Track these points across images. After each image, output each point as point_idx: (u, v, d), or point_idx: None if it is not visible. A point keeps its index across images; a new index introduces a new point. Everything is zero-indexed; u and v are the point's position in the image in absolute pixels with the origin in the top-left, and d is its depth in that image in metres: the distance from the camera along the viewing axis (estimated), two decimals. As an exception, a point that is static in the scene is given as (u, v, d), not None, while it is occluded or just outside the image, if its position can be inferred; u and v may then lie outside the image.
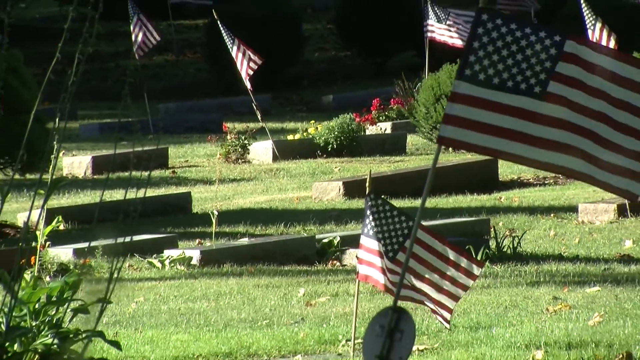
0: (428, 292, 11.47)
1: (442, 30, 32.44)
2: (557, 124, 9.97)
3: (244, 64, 31.10)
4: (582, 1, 27.62)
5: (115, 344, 10.51)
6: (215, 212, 24.02)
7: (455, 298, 12.01)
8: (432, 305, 11.55)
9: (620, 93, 9.82)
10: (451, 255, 11.94)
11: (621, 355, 14.22)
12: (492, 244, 21.37)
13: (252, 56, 31.02)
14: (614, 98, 9.75)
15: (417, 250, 11.39)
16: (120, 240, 14.92)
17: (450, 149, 10.83)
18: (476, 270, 12.32)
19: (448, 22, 32.21)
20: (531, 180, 27.49)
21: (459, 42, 31.06)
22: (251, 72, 31.16)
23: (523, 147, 10.12)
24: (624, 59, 9.73)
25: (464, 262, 12.06)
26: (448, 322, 12.55)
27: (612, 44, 28.75)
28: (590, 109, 9.82)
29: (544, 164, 10.17)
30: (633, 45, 32.84)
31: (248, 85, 31.22)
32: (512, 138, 10.13)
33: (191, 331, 16.45)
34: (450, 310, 12.22)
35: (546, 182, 26.99)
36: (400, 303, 10.51)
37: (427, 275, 11.42)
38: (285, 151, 31.69)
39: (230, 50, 31.47)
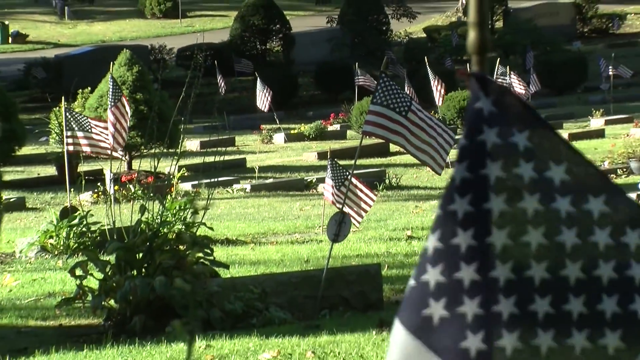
0: (352, 207, 11.45)
1: (362, 80, 32.30)
2: (409, 130, 10.05)
3: (268, 97, 31.09)
4: (428, 67, 27.44)
5: (211, 228, 10.49)
6: (257, 167, 23.98)
7: (365, 211, 12.03)
8: (353, 214, 11.49)
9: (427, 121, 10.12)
10: (364, 189, 11.99)
11: None
12: (387, 181, 21.31)
13: (270, 93, 30.99)
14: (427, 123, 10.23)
15: (350, 187, 11.38)
16: (212, 180, 14.82)
17: (367, 137, 10.93)
18: (374, 197, 12.40)
19: (366, 77, 32.05)
20: (404, 151, 27.20)
21: (371, 87, 30.79)
22: (270, 100, 31.11)
23: (398, 138, 10.19)
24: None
25: (370, 194, 12.16)
26: (359, 223, 12.53)
27: (442, 90, 28.49)
28: (421, 125, 10.04)
29: (406, 149, 10.28)
30: (452, 89, 32.62)
31: (267, 107, 31.06)
32: (394, 133, 10.16)
33: (246, 222, 16.40)
34: (362, 217, 12.26)
35: (412, 152, 26.86)
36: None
37: (352, 198, 11.42)
38: (290, 138, 31.42)
39: (264, 90, 31.40)
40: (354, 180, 11.57)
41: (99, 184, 19.63)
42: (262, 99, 31.67)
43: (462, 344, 1.31)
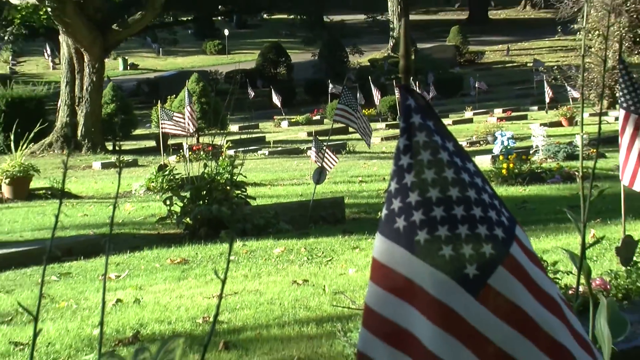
0: (326, 164, 11.28)
1: (333, 89, 31.95)
2: (358, 120, 9.97)
3: (279, 99, 30.74)
4: (371, 82, 27.23)
5: (245, 177, 10.33)
6: (272, 141, 23.81)
7: (330, 167, 11.49)
8: (327, 167, 11.30)
9: (363, 118, 10.02)
10: (332, 154, 11.76)
11: (384, 178, 13.92)
12: (347, 148, 21.13)
13: (280, 97, 30.66)
14: (363, 119, 10.05)
15: (327, 153, 11.22)
16: (245, 148, 14.58)
17: (336, 123, 10.68)
18: (336, 160, 11.91)
19: (336, 87, 31.71)
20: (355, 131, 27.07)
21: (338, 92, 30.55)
22: (280, 100, 30.82)
23: (352, 124, 10.10)
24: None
25: (335, 158, 11.94)
26: (329, 172, 12.14)
27: (379, 95, 28.20)
28: (362, 118, 10.04)
29: (356, 130, 10.17)
30: (385, 95, 32.39)
31: (280, 104, 30.75)
32: (350, 121, 10.07)
33: (265, 173, 16.22)
34: (331, 168, 11.77)
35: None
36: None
37: (326, 158, 11.26)
38: (291, 124, 30.98)
39: (275, 94, 31.08)
40: (327, 150, 11.47)
41: (180, 151, 19.54)
42: (277, 99, 31.48)
43: (416, 238, 1.32)
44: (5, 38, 41.25)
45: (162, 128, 15.20)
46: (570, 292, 4.06)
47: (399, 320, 1.32)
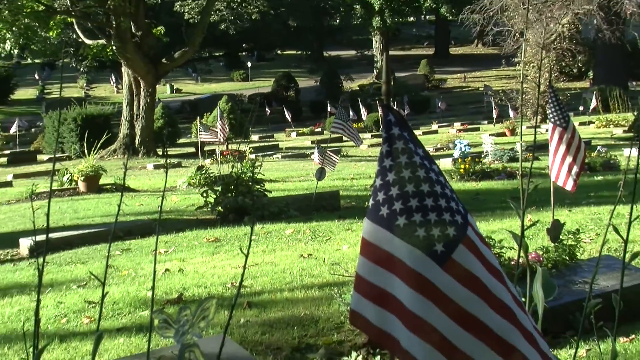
0: (329, 163, 11.13)
1: (331, 108, 31.70)
2: (348, 129, 9.88)
3: (290, 115, 30.44)
4: (360, 103, 27.02)
5: (263, 175, 10.18)
6: (284, 147, 23.66)
7: (334, 166, 10.99)
8: (327, 168, 11.12)
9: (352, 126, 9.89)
10: (335, 156, 11.63)
11: (370, 176, 13.76)
12: (342, 152, 20.90)
13: (291, 114, 30.35)
14: (352, 126, 9.85)
15: (326, 154, 11.11)
16: (264, 153, 14.42)
17: (333, 133, 10.45)
18: (337, 159, 11.71)
19: (333, 107, 31.42)
20: (347, 138, 26.81)
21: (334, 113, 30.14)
22: (291, 116, 30.54)
23: (345, 134, 10.03)
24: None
25: (337, 158, 11.76)
26: (332, 169, 11.87)
27: (366, 113, 27.96)
28: (352, 127, 9.82)
29: (349, 137, 10.09)
30: (370, 112, 32.24)
31: (290, 119, 30.49)
32: (345, 132, 10.00)
33: (279, 172, 15.94)
34: (333, 168, 11.35)
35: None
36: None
37: (330, 159, 11.14)
38: (298, 134, 30.86)
39: (286, 112, 30.84)
40: (329, 152, 11.35)
41: (214, 155, 19.45)
42: (288, 116, 31.21)
43: (396, 222, 1.31)
44: (81, 69, 42.91)
45: (200, 138, 15.15)
46: (512, 263, 4.06)
47: (383, 285, 1.33)
